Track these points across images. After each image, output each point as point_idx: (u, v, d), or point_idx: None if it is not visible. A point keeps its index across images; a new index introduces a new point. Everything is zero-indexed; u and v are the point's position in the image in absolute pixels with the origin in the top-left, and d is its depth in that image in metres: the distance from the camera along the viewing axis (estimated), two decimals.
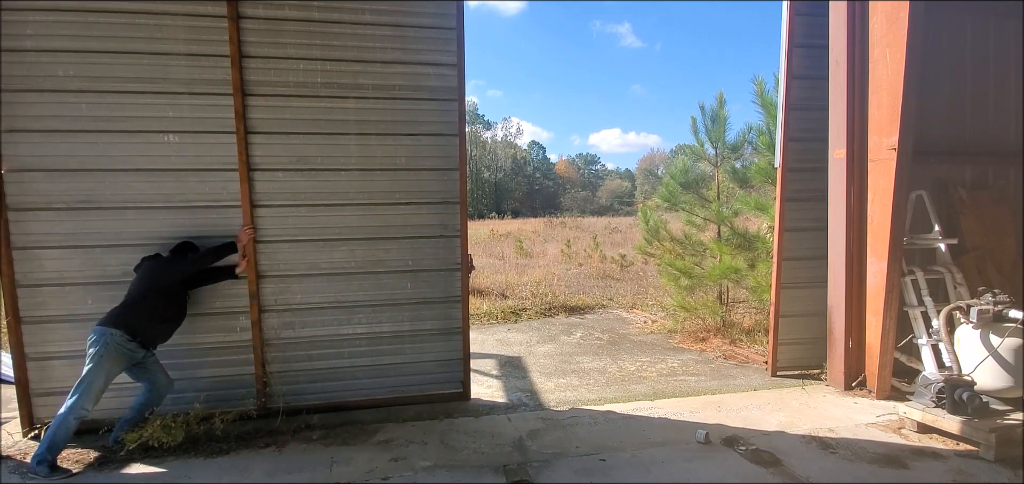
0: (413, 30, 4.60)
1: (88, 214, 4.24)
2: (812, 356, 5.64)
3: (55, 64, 4.11)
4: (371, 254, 4.72)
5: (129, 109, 4.23)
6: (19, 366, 4.20)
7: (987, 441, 3.67)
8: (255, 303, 4.51)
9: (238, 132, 4.36)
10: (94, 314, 4.04)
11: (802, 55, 5.40)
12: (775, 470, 3.59)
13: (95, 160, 4.22)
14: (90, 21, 4.13)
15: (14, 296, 4.17)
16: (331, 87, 4.52)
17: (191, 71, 4.29)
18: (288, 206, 4.54)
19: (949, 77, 5.48)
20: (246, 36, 4.34)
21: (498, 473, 3.58)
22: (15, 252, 4.15)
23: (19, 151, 4.12)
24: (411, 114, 4.68)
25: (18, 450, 3.98)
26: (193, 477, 3.57)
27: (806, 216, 5.52)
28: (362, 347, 4.78)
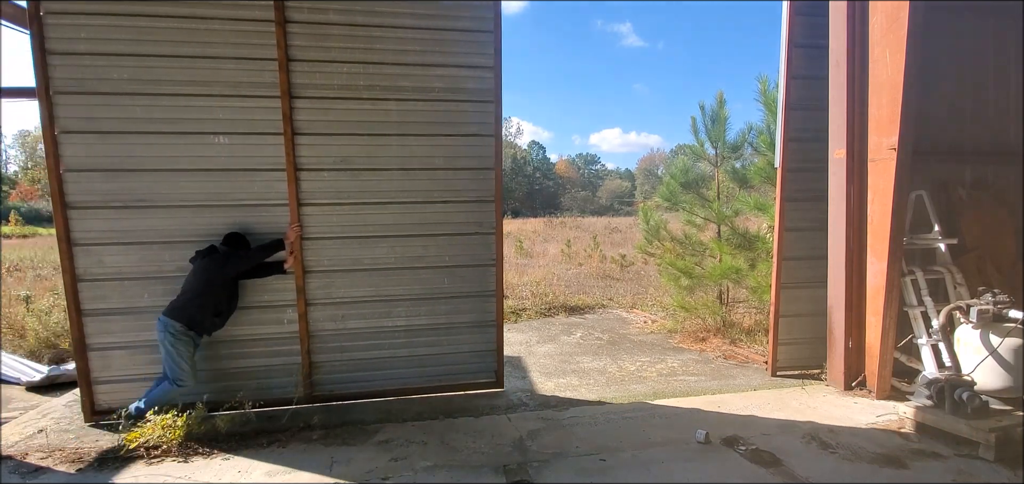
0: (451, 33, 4.77)
1: (144, 212, 4.45)
2: (812, 356, 5.64)
3: (110, 67, 4.28)
4: (410, 250, 4.93)
5: (182, 111, 4.42)
6: (80, 356, 4.44)
7: (987, 441, 3.67)
8: (302, 297, 4.73)
9: (286, 133, 4.55)
10: (151, 307, 4.41)
11: (802, 55, 5.40)
12: (775, 470, 3.59)
13: (150, 161, 4.42)
14: (144, 25, 4.30)
15: (75, 289, 4.39)
16: (373, 89, 4.70)
17: (240, 74, 4.46)
18: (332, 205, 4.73)
19: (949, 77, 5.49)
20: (293, 40, 4.51)
21: (498, 473, 3.58)
22: (75, 248, 4.36)
23: (77, 152, 4.31)
24: (449, 115, 4.86)
25: (18, 450, 3.98)
26: (193, 476, 3.57)
27: (806, 216, 5.52)
28: (400, 339, 5.01)
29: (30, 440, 4.15)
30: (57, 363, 6.39)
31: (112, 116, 4.33)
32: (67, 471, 3.65)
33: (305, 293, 4.75)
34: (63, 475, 3.62)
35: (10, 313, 7.53)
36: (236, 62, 4.44)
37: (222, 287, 4.31)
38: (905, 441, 4.02)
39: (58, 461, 3.78)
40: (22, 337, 6.99)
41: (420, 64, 4.74)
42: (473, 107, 4.89)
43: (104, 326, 4.48)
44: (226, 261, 4.29)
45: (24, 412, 4.86)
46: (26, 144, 62.07)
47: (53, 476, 3.61)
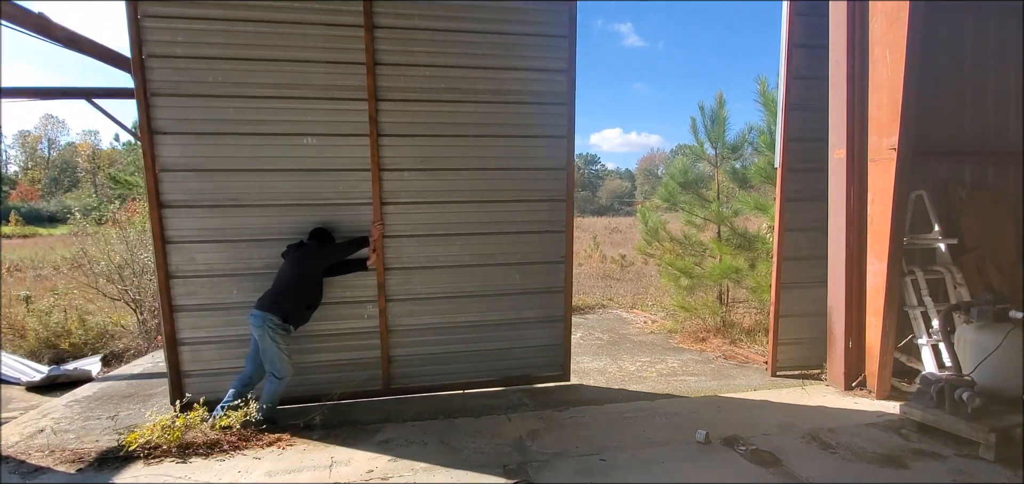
0: (527, 38, 4.92)
1: (235, 211, 4.57)
2: (812, 356, 5.63)
3: (205, 70, 4.39)
4: (483, 248, 5.08)
5: (272, 113, 4.54)
6: (171, 350, 4.58)
7: (987, 441, 3.67)
8: (382, 293, 4.88)
9: (371, 135, 4.68)
10: (239, 303, 4.57)
11: (802, 55, 5.40)
12: (775, 470, 3.59)
13: (242, 161, 4.54)
14: (238, 30, 4.42)
15: (168, 286, 4.52)
16: (453, 92, 4.84)
17: (329, 77, 4.59)
18: (412, 203, 4.88)
19: (949, 77, 5.49)
20: (379, 44, 4.63)
21: (498, 473, 3.58)
22: (168, 246, 4.49)
23: (172, 152, 4.42)
24: (523, 117, 5.01)
25: (18, 450, 3.98)
26: (192, 476, 3.57)
27: (806, 216, 5.51)
28: (472, 334, 5.15)
29: (30, 440, 4.15)
30: (57, 363, 6.40)
31: (206, 118, 4.44)
32: (67, 471, 3.65)
33: (385, 289, 4.89)
34: (63, 475, 3.62)
35: (10, 313, 7.53)
36: (326, 66, 4.57)
37: (313, 281, 4.42)
38: (905, 441, 4.01)
39: (58, 461, 3.78)
40: (22, 337, 6.99)
41: (497, 67, 4.89)
42: (547, 109, 5.05)
43: (194, 321, 4.61)
44: (317, 254, 4.44)
45: (24, 412, 4.86)
46: (26, 144, 62.07)
47: (53, 476, 3.61)
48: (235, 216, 4.57)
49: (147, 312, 7.23)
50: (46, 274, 11.70)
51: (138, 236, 7.37)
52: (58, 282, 8.12)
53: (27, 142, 62.01)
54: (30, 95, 7.60)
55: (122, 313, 7.68)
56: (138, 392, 5.33)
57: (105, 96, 7.75)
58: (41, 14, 5.44)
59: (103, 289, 7.25)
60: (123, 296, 7.23)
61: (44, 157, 61.99)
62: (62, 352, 6.79)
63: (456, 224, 4.99)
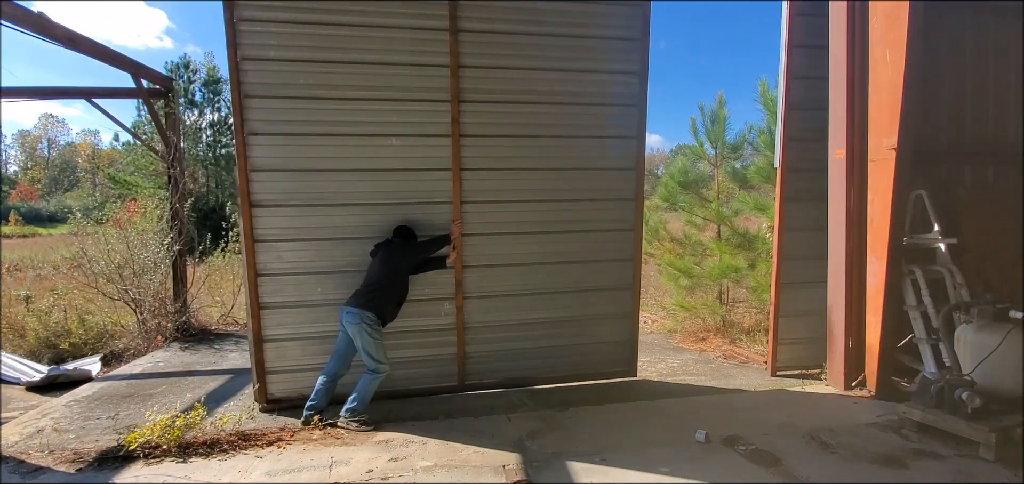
0: (602, 41, 5.04)
1: (320, 210, 4.68)
2: (812, 356, 5.63)
3: (296, 73, 4.50)
4: (556, 246, 5.18)
5: (359, 115, 4.66)
6: (257, 347, 4.66)
7: (987, 441, 3.66)
8: (460, 291, 4.97)
9: (453, 135, 4.79)
10: (323, 301, 4.69)
11: (802, 55, 5.40)
12: (775, 470, 3.59)
13: (328, 161, 4.65)
14: (329, 34, 4.52)
15: (255, 284, 4.60)
16: (530, 93, 4.97)
17: (414, 80, 4.70)
18: (489, 202, 4.99)
19: (949, 77, 5.48)
20: (463, 47, 4.74)
21: (498, 473, 3.58)
22: (257, 244, 4.58)
23: (262, 152, 4.54)
24: (596, 118, 5.13)
25: (18, 450, 3.98)
26: (192, 476, 3.57)
27: (806, 216, 5.51)
28: (543, 330, 5.26)
29: (30, 440, 4.15)
30: (57, 363, 6.39)
31: (296, 119, 4.55)
32: (67, 471, 3.65)
33: (463, 287, 4.98)
34: (63, 475, 3.62)
35: (10, 313, 7.53)
36: (411, 68, 4.68)
37: (403, 278, 4.51)
38: (905, 441, 4.01)
39: (58, 461, 3.78)
40: (22, 337, 6.99)
41: (573, 69, 5.01)
42: (619, 110, 5.16)
43: (279, 319, 4.70)
44: (405, 252, 4.53)
45: (24, 412, 4.86)
46: (26, 144, 62.04)
47: (53, 476, 3.61)
48: (320, 215, 4.68)
49: (147, 312, 7.22)
50: (46, 274, 11.69)
51: (138, 236, 7.37)
52: (58, 282, 8.11)
53: (27, 142, 62.01)
54: (30, 95, 7.60)
55: (122, 313, 7.68)
56: (138, 392, 5.33)
57: (105, 96, 7.76)
58: (41, 14, 5.45)
59: (103, 289, 7.24)
60: (123, 296, 7.22)
61: (44, 157, 61.98)
62: (62, 352, 6.78)
63: (530, 223, 5.11)
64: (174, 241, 7.53)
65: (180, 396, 5.17)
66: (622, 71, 5.11)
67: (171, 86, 8.03)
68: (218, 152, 27.61)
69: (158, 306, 7.30)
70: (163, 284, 7.46)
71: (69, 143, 63.36)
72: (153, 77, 7.62)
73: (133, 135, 13.71)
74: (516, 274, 5.12)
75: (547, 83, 4.96)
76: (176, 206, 7.67)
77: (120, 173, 21.43)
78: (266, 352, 4.69)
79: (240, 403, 4.94)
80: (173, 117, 7.92)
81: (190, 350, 6.97)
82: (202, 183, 25.55)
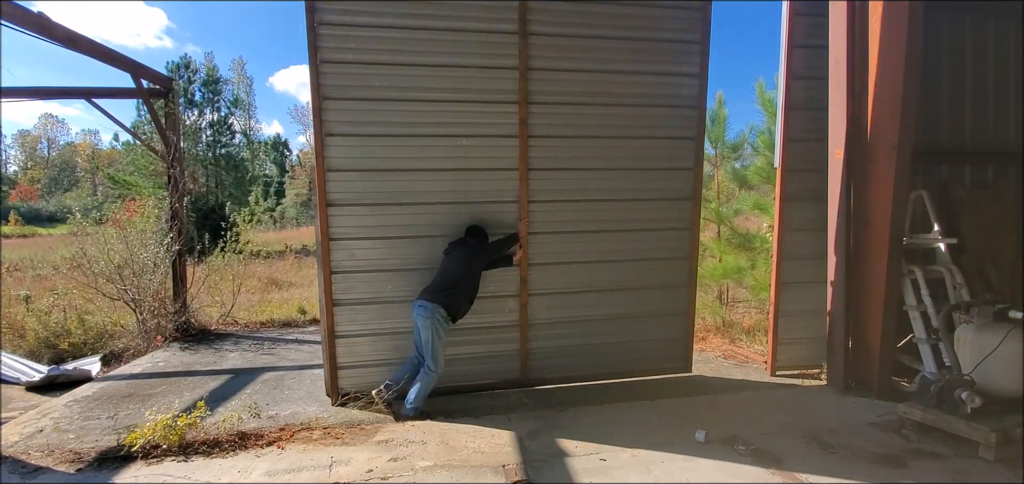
0: (664, 44, 5.14)
1: (392, 209, 4.81)
2: (812, 356, 5.63)
3: (373, 75, 4.63)
4: (615, 244, 5.28)
5: (431, 116, 4.78)
6: (330, 343, 4.79)
7: (987, 441, 3.67)
8: (524, 288, 5.09)
9: (521, 136, 4.91)
10: (393, 298, 4.84)
11: (802, 55, 5.40)
12: (775, 470, 3.59)
13: (401, 161, 4.78)
14: (406, 37, 4.64)
15: (330, 281, 4.71)
16: (594, 95, 5.06)
17: (484, 82, 4.83)
18: (554, 202, 5.11)
19: (949, 77, 5.48)
20: (532, 50, 4.87)
21: (498, 473, 3.58)
22: (332, 243, 4.70)
23: (338, 153, 4.65)
24: (656, 119, 5.23)
25: (18, 450, 3.97)
26: (193, 476, 3.57)
27: (806, 216, 5.51)
28: (601, 326, 5.36)
29: (30, 440, 4.15)
30: (56, 363, 6.39)
31: (370, 120, 4.67)
32: (67, 471, 3.65)
33: (527, 284, 5.09)
34: (63, 475, 3.62)
35: (10, 313, 7.52)
36: (482, 71, 4.80)
37: (477, 277, 4.63)
38: (905, 441, 4.01)
39: (58, 461, 3.78)
40: (22, 337, 6.98)
41: (635, 71, 5.11)
42: (679, 112, 5.26)
43: (351, 315, 4.83)
44: (481, 252, 4.65)
45: (24, 412, 4.85)
46: (26, 144, 62.02)
47: (53, 476, 3.61)
48: (392, 214, 4.80)
49: (146, 312, 7.22)
50: (45, 274, 11.69)
51: (137, 236, 7.36)
52: (57, 282, 8.09)
53: (27, 142, 61.99)
54: (30, 95, 7.59)
55: (121, 313, 7.67)
56: (137, 392, 5.33)
57: (105, 96, 7.76)
58: (41, 14, 5.44)
59: (102, 289, 7.23)
60: (122, 296, 7.21)
61: (44, 157, 61.96)
62: (61, 352, 6.78)
63: (591, 221, 5.20)
64: (174, 241, 7.53)
65: (180, 396, 5.17)
66: (682, 73, 5.22)
67: (171, 86, 8.02)
68: (218, 152, 27.62)
69: (158, 306, 7.30)
70: (163, 284, 7.46)
71: (69, 143, 63.40)
72: (153, 77, 7.62)
73: (133, 135, 13.69)
74: (577, 271, 5.23)
75: (611, 85, 5.07)
76: (176, 206, 7.66)
77: (120, 173, 21.45)
78: (338, 347, 4.83)
79: (240, 403, 4.94)
80: (173, 117, 7.92)
81: (190, 350, 6.97)
82: (202, 183, 25.53)
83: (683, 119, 5.28)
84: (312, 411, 4.72)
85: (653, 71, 5.14)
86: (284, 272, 14.16)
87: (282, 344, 7.33)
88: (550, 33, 4.88)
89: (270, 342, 7.43)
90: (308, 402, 4.98)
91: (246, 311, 8.96)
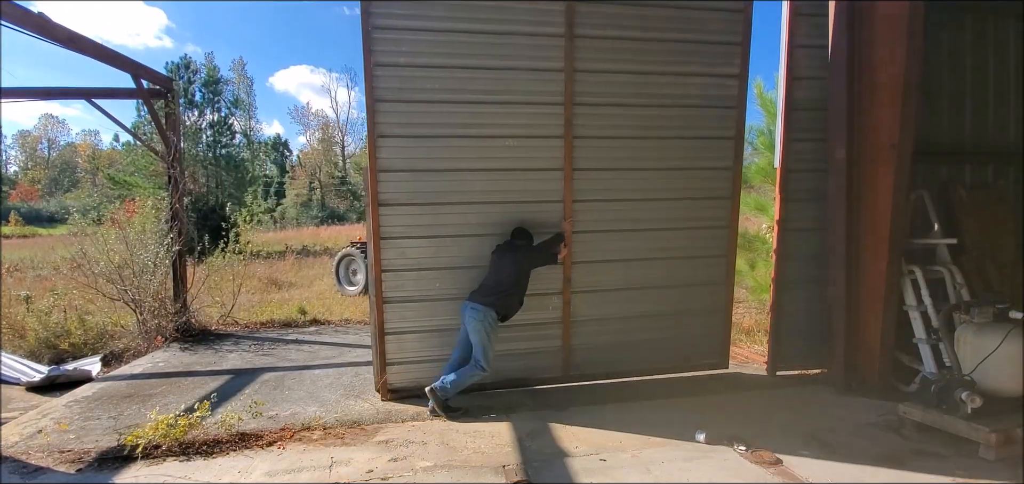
0: (707, 45, 5.21)
1: (441, 208, 4.91)
2: (812, 356, 5.63)
3: (424, 78, 4.74)
4: (654, 242, 5.37)
5: (479, 117, 4.88)
6: (379, 340, 4.91)
7: (987, 441, 3.67)
8: (568, 286, 5.19)
9: (566, 137, 5.01)
10: (441, 296, 4.95)
11: (802, 55, 5.40)
12: (775, 470, 3.59)
13: (449, 161, 4.87)
14: (456, 40, 4.75)
15: (380, 280, 4.82)
16: (637, 96, 5.15)
17: (531, 84, 4.91)
18: (596, 201, 5.19)
19: (949, 77, 5.48)
20: (578, 53, 4.94)
21: (498, 473, 3.58)
22: (383, 242, 4.81)
23: (390, 154, 4.75)
24: (698, 119, 5.31)
25: (18, 450, 3.98)
26: (193, 476, 3.57)
27: (806, 216, 5.51)
28: (641, 323, 5.45)
29: (30, 440, 4.15)
30: (57, 363, 6.39)
31: (421, 121, 4.77)
32: (67, 471, 3.65)
33: (571, 282, 5.19)
34: (63, 475, 3.62)
35: (10, 313, 7.52)
36: (529, 73, 4.89)
37: (527, 280, 4.72)
38: (905, 441, 4.01)
39: (58, 461, 3.78)
40: (22, 337, 6.98)
41: (677, 73, 5.19)
42: (719, 112, 5.34)
43: (400, 313, 4.93)
44: (531, 255, 4.74)
45: (24, 412, 4.86)
46: (26, 144, 62.03)
47: (53, 476, 3.61)
48: (441, 213, 4.90)
49: (147, 312, 7.22)
50: (46, 274, 11.71)
51: (137, 236, 7.36)
52: (57, 282, 8.10)
53: (27, 142, 61.99)
54: (30, 95, 7.60)
55: (121, 313, 7.67)
56: (138, 392, 5.33)
57: (105, 96, 7.76)
58: (41, 14, 5.44)
59: (102, 289, 7.24)
60: (122, 296, 7.21)
61: (44, 157, 61.97)
62: (62, 352, 6.78)
63: (632, 220, 5.29)
64: (174, 241, 7.53)
65: (180, 396, 5.18)
66: (723, 74, 5.28)
67: (171, 86, 8.02)
68: (218, 152, 27.64)
69: (158, 306, 7.30)
70: (163, 284, 7.46)
71: (69, 143, 63.39)
72: (153, 77, 7.62)
73: (133, 135, 13.70)
74: (619, 270, 5.31)
75: (654, 86, 5.15)
76: (176, 206, 7.66)
77: (120, 174, 21.45)
78: (387, 344, 4.92)
79: (240, 403, 4.94)
80: (173, 117, 7.92)
81: (190, 351, 6.98)
82: (202, 183, 25.54)
83: (723, 119, 5.35)
84: (312, 411, 4.72)
85: (695, 72, 5.22)
86: (284, 272, 14.19)
87: (282, 345, 7.33)
88: (596, 35, 4.95)
89: (270, 343, 7.43)
90: (308, 402, 4.98)
91: (246, 311, 8.96)
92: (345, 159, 51.92)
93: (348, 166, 50.97)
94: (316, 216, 41.58)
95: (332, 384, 5.51)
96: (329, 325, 8.57)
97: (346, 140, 52.57)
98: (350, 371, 5.97)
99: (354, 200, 45.33)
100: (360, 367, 6.09)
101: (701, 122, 5.31)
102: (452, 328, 4.89)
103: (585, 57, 4.95)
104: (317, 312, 9.12)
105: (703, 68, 5.23)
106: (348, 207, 45.39)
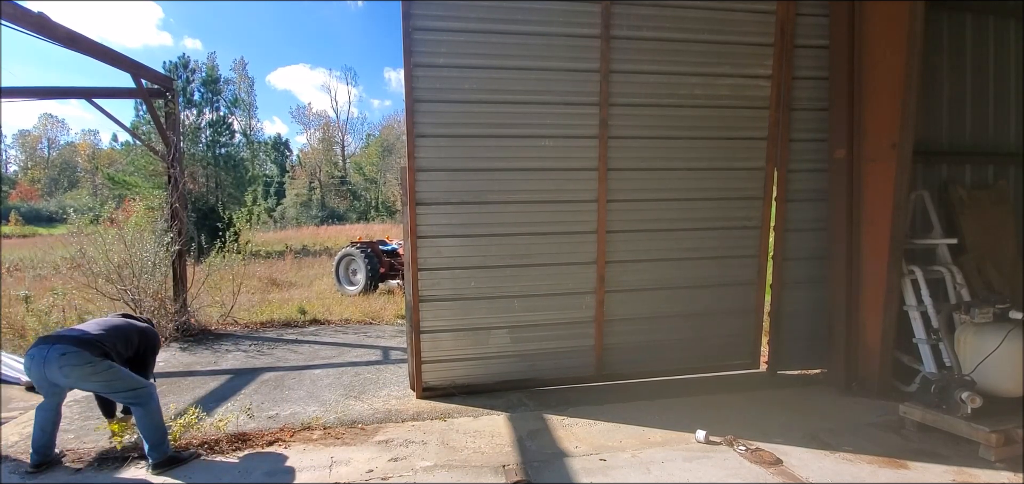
0: (741, 46, 5.23)
1: (477, 207, 4.94)
2: (812, 356, 5.63)
3: (462, 79, 4.77)
4: (688, 242, 5.39)
5: (516, 117, 4.91)
6: (416, 338, 4.94)
7: (987, 441, 3.67)
8: (602, 285, 5.20)
9: (601, 137, 5.03)
10: (476, 294, 4.97)
11: (802, 55, 5.40)
12: (775, 470, 3.59)
13: (486, 161, 4.91)
14: (494, 41, 4.78)
15: (416, 278, 4.85)
16: (672, 97, 5.18)
17: (567, 84, 4.95)
18: (631, 201, 5.22)
19: (949, 77, 5.48)
20: (614, 54, 4.97)
21: (498, 473, 3.58)
22: (419, 240, 4.83)
23: (428, 153, 4.79)
24: (731, 120, 5.32)
25: (18, 450, 3.97)
26: (193, 477, 3.57)
27: (806, 216, 5.51)
28: (673, 323, 5.47)
29: (30, 440, 4.14)
30: None
31: (459, 121, 4.80)
32: (66, 470, 3.65)
33: (605, 281, 5.19)
34: (63, 475, 3.62)
35: (10, 313, 7.51)
36: (566, 73, 4.92)
37: None
38: (905, 441, 4.01)
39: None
40: (22, 337, 6.97)
41: (711, 74, 5.20)
42: (752, 113, 5.34)
43: (436, 311, 4.96)
44: None
45: (24, 412, 4.85)
46: (26, 144, 62.02)
47: (53, 476, 3.61)
48: (477, 212, 4.93)
49: (146, 312, 7.21)
50: (45, 274, 11.69)
51: (135, 236, 7.35)
52: (57, 282, 8.09)
53: (27, 142, 61.98)
54: (30, 95, 7.59)
55: None
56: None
57: (105, 96, 7.75)
58: (41, 14, 5.44)
59: (102, 289, 7.23)
60: (122, 296, 7.20)
61: (44, 157, 61.94)
62: None
63: (665, 220, 5.31)
64: (174, 241, 7.53)
65: (180, 396, 5.17)
66: (755, 75, 5.29)
67: (170, 86, 8.02)
68: (217, 152, 27.63)
69: (157, 306, 7.29)
70: (162, 284, 7.45)
71: (69, 143, 63.37)
72: (153, 77, 7.61)
73: (132, 135, 13.70)
74: (652, 269, 5.33)
75: (688, 87, 5.17)
76: (176, 206, 7.66)
77: (119, 173, 21.46)
78: (422, 343, 4.94)
79: (240, 403, 4.94)
80: (173, 117, 7.91)
81: (189, 350, 6.97)
82: (202, 183, 25.53)
83: (756, 120, 5.35)
84: (312, 411, 4.72)
85: (729, 73, 5.23)
86: (284, 272, 14.17)
87: (282, 344, 7.33)
88: (631, 37, 4.98)
89: (270, 342, 7.43)
90: (308, 402, 4.98)
91: (246, 311, 8.95)
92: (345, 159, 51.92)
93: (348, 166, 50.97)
94: (316, 216, 41.62)
95: (332, 384, 5.51)
96: (329, 325, 8.57)
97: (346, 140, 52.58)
98: (350, 371, 5.97)
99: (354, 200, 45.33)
100: (360, 367, 6.09)
101: (735, 123, 5.32)
102: (486, 327, 5.00)
103: (620, 58, 4.98)
104: (317, 312, 9.11)
105: (737, 69, 5.25)
106: (348, 207, 45.40)
